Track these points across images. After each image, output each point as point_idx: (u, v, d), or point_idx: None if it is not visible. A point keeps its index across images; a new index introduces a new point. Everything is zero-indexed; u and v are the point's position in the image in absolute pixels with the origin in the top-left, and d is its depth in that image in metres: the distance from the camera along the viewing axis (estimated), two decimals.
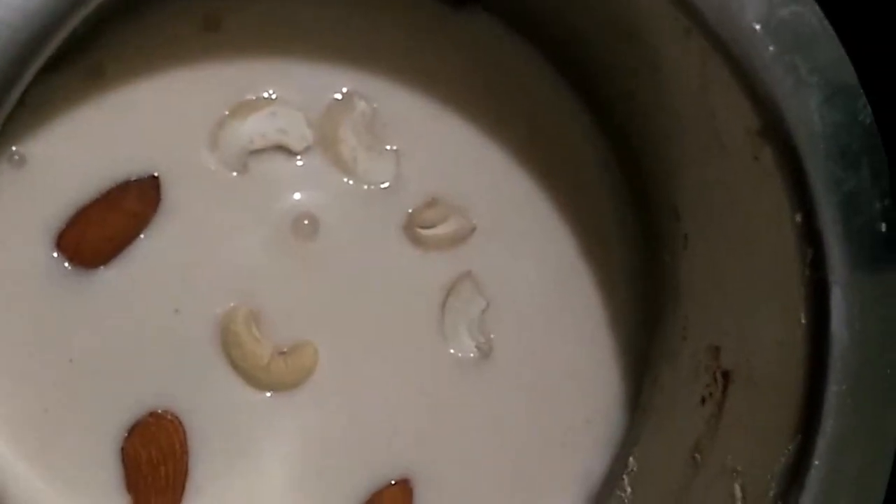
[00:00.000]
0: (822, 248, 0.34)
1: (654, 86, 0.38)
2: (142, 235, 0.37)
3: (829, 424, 0.33)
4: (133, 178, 0.37)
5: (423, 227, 0.40)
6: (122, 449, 0.37)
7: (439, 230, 0.40)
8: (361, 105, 0.39)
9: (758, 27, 0.33)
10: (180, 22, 0.38)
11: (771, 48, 0.33)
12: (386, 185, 0.40)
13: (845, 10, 0.35)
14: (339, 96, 0.39)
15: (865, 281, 0.34)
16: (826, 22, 0.34)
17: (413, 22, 0.40)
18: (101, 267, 0.37)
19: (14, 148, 0.36)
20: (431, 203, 0.40)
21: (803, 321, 0.34)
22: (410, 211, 0.40)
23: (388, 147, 0.40)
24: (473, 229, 0.41)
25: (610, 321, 0.42)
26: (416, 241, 0.40)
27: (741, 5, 0.33)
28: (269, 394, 0.39)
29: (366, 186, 0.40)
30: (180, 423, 0.38)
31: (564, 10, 0.39)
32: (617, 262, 0.42)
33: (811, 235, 0.34)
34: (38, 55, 0.28)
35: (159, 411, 0.38)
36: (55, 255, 0.37)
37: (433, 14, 0.41)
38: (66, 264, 0.37)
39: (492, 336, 0.41)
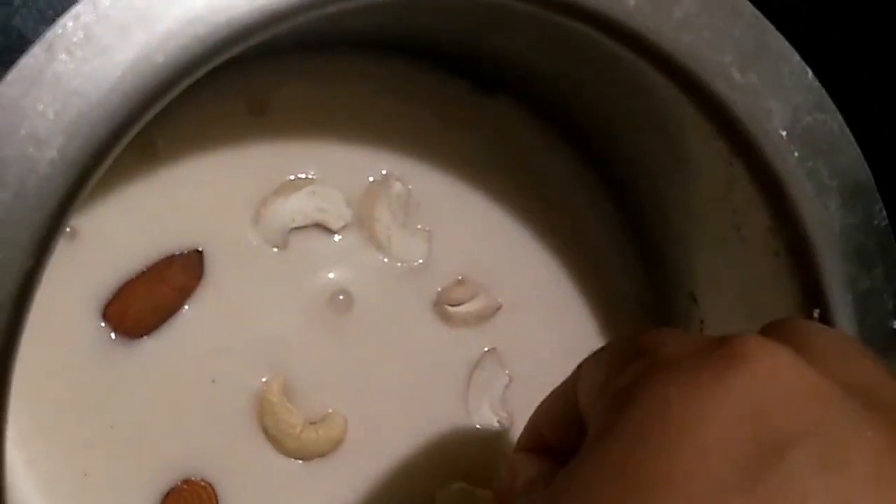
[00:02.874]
0: None
1: (679, 179, 0.40)
2: (185, 307, 0.39)
3: None
4: (178, 253, 0.39)
5: (451, 305, 0.41)
6: None
7: (467, 308, 0.42)
8: (397, 186, 0.41)
9: (783, 133, 0.35)
10: (228, 104, 0.39)
11: (795, 153, 0.35)
12: (418, 263, 0.41)
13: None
14: (376, 178, 0.41)
15: None
16: (846, 128, 0.36)
17: (447, 108, 0.42)
18: (145, 337, 0.38)
19: None
20: (460, 282, 0.42)
21: None
22: (440, 289, 0.41)
23: (421, 227, 0.41)
24: (499, 307, 0.42)
25: None
26: (445, 317, 0.41)
27: (768, 112, 0.35)
28: (300, 462, 0.40)
29: (399, 264, 0.41)
30: (213, 490, 0.39)
31: (593, 104, 0.41)
32: None
33: None
34: (116, 147, 0.29)
35: (193, 478, 0.39)
36: (102, 324, 0.38)
37: (466, 100, 0.42)
38: (112, 334, 0.38)
39: (513, 411, 0.42)
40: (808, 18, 0.36)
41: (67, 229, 0.37)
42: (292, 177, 0.40)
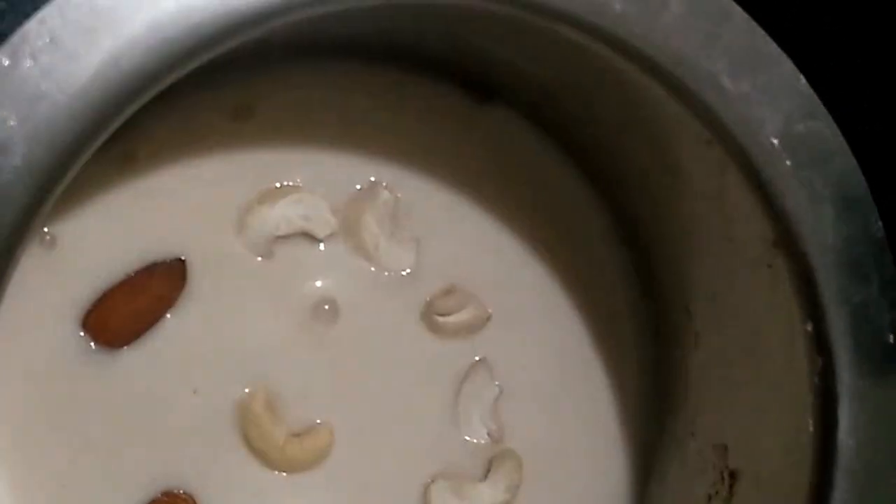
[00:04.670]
0: (832, 358, 0.34)
1: (672, 188, 0.39)
2: (167, 316, 0.38)
3: None
4: (160, 261, 0.38)
5: (440, 315, 0.41)
6: None
7: (456, 318, 0.41)
8: (385, 194, 0.40)
9: (776, 142, 0.34)
10: (210, 111, 0.39)
11: (788, 162, 0.34)
12: (406, 272, 0.41)
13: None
14: (363, 185, 0.40)
15: (873, 391, 0.34)
16: (840, 136, 0.35)
17: (437, 115, 0.41)
18: (126, 347, 0.38)
19: (45, 229, 0.37)
20: (449, 291, 0.41)
21: (811, 428, 0.35)
22: (428, 298, 0.41)
23: (408, 235, 0.41)
24: (489, 318, 0.41)
25: (619, 413, 0.42)
26: (433, 328, 0.41)
27: (761, 120, 0.34)
28: (284, 474, 0.39)
29: (386, 273, 0.40)
30: (194, 502, 0.38)
31: (584, 112, 0.40)
32: (628, 355, 0.43)
33: (821, 345, 0.35)
34: (82, 155, 0.29)
35: (174, 491, 0.38)
36: (81, 334, 0.37)
37: (457, 107, 0.42)
38: (92, 344, 0.37)
39: (503, 423, 0.41)
40: (799, 23, 0.35)
41: (47, 237, 0.37)
42: (277, 184, 0.39)
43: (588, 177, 0.43)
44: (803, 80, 0.34)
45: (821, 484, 0.34)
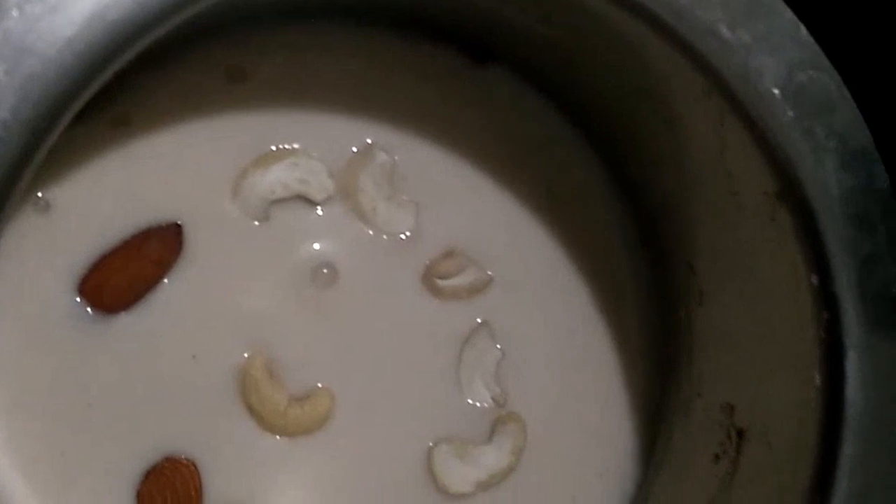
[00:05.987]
0: (838, 312, 0.34)
1: (672, 144, 0.38)
2: (164, 281, 0.38)
3: (843, 486, 0.33)
4: (156, 226, 0.38)
5: (440, 278, 0.40)
6: (138, 493, 0.37)
7: (457, 281, 0.40)
8: (382, 157, 0.40)
9: (777, 92, 0.33)
10: (205, 73, 0.38)
11: (790, 113, 0.33)
12: (405, 235, 0.40)
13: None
14: (360, 148, 0.40)
15: (881, 345, 0.34)
16: (843, 86, 0.34)
17: (435, 77, 0.41)
18: (122, 312, 0.37)
19: (40, 194, 0.37)
20: (449, 254, 0.40)
21: (818, 383, 0.34)
22: (428, 262, 0.40)
23: (407, 198, 0.40)
24: (490, 281, 0.41)
25: (624, 375, 0.42)
26: (434, 291, 0.40)
27: (760, 69, 0.33)
28: (285, 439, 0.39)
29: (385, 237, 0.40)
30: (196, 467, 0.38)
31: (583, 69, 0.39)
32: (632, 316, 0.42)
33: (827, 298, 0.34)
34: (71, 108, 0.28)
35: (175, 456, 0.38)
36: (77, 300, 0.37)
37: (455, 69, 0.41)
38: (88, 309, 0.37)
39: (507, 386, 0.41)
40: None
41: (41, 202, 0.37)
42: (273, 147, 0.39)
43: (587, 136, 0.42)
44: (804, 29, 0.34)
45: (829, 440, 0.34)
